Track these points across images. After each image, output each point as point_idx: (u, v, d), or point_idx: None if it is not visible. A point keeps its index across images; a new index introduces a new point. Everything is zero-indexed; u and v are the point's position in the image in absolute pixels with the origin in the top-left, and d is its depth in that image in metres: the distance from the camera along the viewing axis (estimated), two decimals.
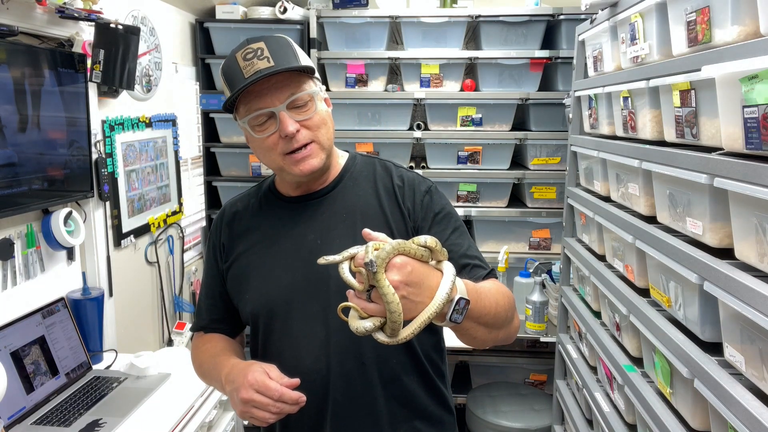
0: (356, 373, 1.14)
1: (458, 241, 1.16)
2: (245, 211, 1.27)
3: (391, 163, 1.26)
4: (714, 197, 1.23)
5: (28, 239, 1.87)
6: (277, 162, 1.13)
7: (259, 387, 0.99)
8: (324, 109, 1.16)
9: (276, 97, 1.08)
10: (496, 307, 1.00)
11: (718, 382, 1.15)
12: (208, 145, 3.17)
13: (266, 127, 1.10)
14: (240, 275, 1.22)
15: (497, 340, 1.06)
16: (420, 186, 1.20)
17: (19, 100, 1.74)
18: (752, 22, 1.12)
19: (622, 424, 1.77)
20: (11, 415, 1.63)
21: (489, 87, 3.00)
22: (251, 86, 1.07)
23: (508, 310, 1.05)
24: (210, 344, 1.26)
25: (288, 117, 1.08)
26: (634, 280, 1.71)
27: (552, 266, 2.84)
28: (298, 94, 1.09)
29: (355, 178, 1.22)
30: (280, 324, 1.17)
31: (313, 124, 1.11)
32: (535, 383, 3.21)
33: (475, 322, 0.95)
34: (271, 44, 1.08)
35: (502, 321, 1.03)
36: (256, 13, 3.03)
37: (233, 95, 1.09)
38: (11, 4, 1.68)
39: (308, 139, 1.11)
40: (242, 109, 1.12)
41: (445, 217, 1.18)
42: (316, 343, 1.14)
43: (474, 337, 0.99)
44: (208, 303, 1.30)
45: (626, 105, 1.71)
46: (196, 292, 3.05)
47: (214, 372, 1.16)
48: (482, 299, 0.96)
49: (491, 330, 1.01)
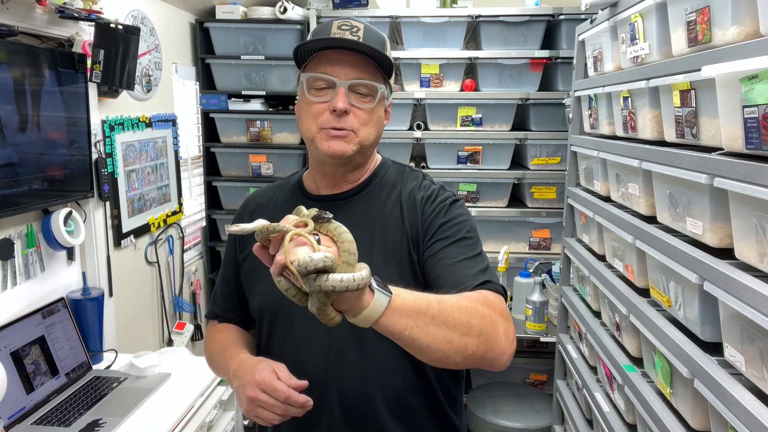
0: (357, 386, 1.09)
1: (459, 249, 1.07)
2: (268, 204, 1.25)
3: (421, 174, 1.22)
4: (714, 197, 1.23)
5: (28, 239, 1.87)
6: (312, 131, 1.10)
7: (266, 387, 0.97)
8: (381, 113, 1.14)
9: (345, 72, 1.07)
10: (442, 300, 0.88)
11: (718, 382, 1.15)
12: (208, 145, 3.17)
13: (322, 94, 1.08)
14: (253, 268, 1.20)
15: (467, 353, 0.89)
16: (439, 196, 1.16)
17: (19, 100, 1.74)
18: (752, 22, 1.12)
19: (622, 424, 1.77)
20: (11, 415, 1.63)
21: (489, 87, 3.00)
22: (329, 51, 1.06)
23: (475, 313, 0.91)
24: (222, 334, 1.25)
25: (344, 95, 1.06)
26: (634, 280, 1.71)
27: (552, 266, 2.84)
28: (366, 81, 1.08)
29: (382, 185, 1.19)
30: (283, 323, 1.15)
31: (364, 117, 1.09)
32: (535, 383, 3.21)
33: (413, 318, 0.83)
34: (369, 31, 1.09)
35: (463, 322, 0.88)
36: (256, 13, 3.03)
37: (310, 44, 1.07)
38: (11, 4, 1.68)
39: (350, 126, 1.08)
40: (310, 65, 1.10)
41: (454, 226, 1.11)
42: (317, 349, 1.11)
43: (425, 344, 0.85)
44: (223, 290, 1.29)
45: (626, 105, 1.71)
46: (196, 292, 3.05)
47: (223, 365, 1.15)
48: (418, 294, 0.87)
49: (448, 333, 0.86)
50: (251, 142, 3.16)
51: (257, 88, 3.10)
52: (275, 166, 3.18)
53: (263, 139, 3.14)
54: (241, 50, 3.07)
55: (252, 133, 3.14)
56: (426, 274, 1.10)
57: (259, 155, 3.16)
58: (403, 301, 0.83)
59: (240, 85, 3.11)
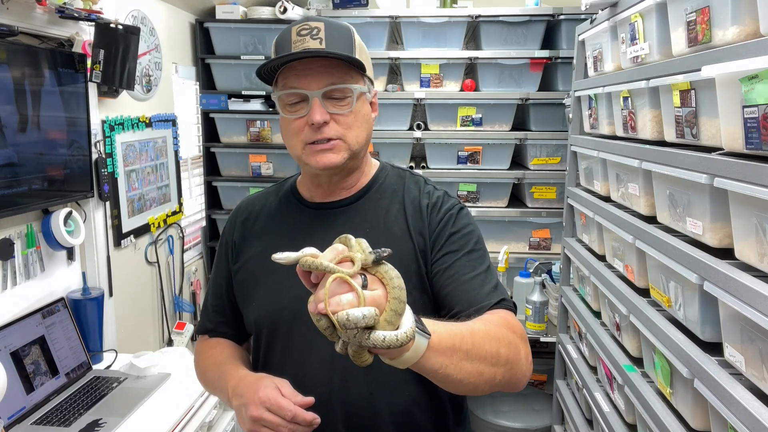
0: (363, 402, 1.04)
1: (469, 263, 1.05)
2: (262, 211, 1.19)
3: (422, 179, 1.17)
4: (714, 197, 1.23)
5: (28, 239, 1.87)
6: (297, 149, 1.06)
7: (270, 405, 0.92)
8: (365, 111, 1.08)
9: (315, 82, 1.01)
10: (474, 332, 0.87)
11: (718, 382, 1.15)
12: (208, 145, 3.18)
13: (297, 108, 1.04)
14: (248, 280, 1.15)
15: (494, 382, 0.90)
16: (445, 204, 1.11)
17: (19, 100, 1.74)
18: (752, 22, 1.12)
19: (622, 424, 1.77)
20: (11, 415, 1.63)
21: (489, 87, 3.00)
22: (294, 63, 1.02)
23: (502, 339, 0.90)
24: (215, 350, 1.18)
25: (319, 105, 1.01)
26: (634, 280, 1.71)
27: (552, 266, 2.84)
28: (339, 86, 1.02)
29: (383, 191, 1.14)
30: (283, 339, 1.09)
31: (346, 121, 1.04)
32: (535, 383, 3.21)
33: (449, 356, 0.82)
34: (330, 28, 1.03)
35: (494, 353, 0.88)
36: (256, 13, 3.03)
37: (271, 63, 1.02)
38: (11, 4, 1.68)
39: (335, 135, 1.03)
40: (280, 82, 1.06)
41: (463, 237, 1.08)
42: (320, 364, 1.05)
43: (458, 379, 0.84)
44: (215, 304, 1.22)
45: (626, 105, 1.71)
46: (196, 292, 3.05)
47: (220, 382, 1.09)
48: (453, 328, 0.85)
49: (479, 366, 0.86)
50: (251, 142, 3.16)
51: (257, 88, 3.10)
52: (275, 166, 3.18)
53: (263, 139, 3.15)
54: (241, 50, 3.07)
55: (252, 133, 3.14)
56: (437, 289, 1.06)
57: (259, 155, 3.16)
58: (440, 340, 0.80)
59: (240, 85, 3.11)
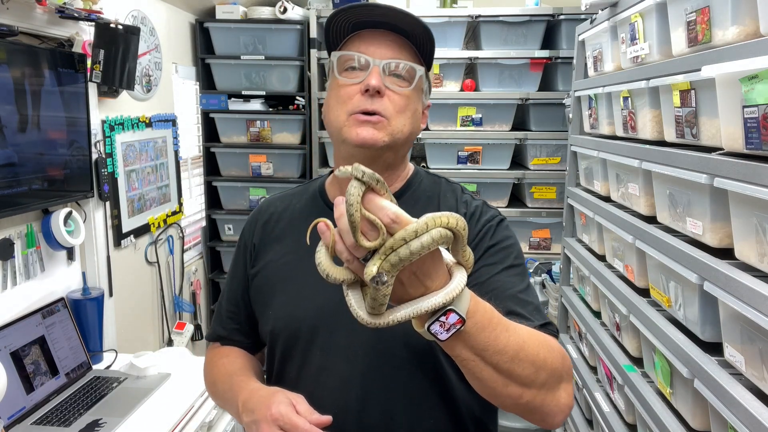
0: (382, 426, 0.97)
1: (509, 279, 0.97)
2: (284, 213, 1.12)
3: (459, 187, 1.11)
4: (714, 197, 1.23)
5: (28, 239, 1.87)
6: (340, 119, 0.98)
7: (284, 423, 0.84)
8: (417, 106, 1.03)
9: (381, 52, 0.97)
10: (519, 350, 0.76)
11: (718, 382, 1.15)
12: (208, 145, 3.18)
13: (353, 75, 0.98)
14: (265, 286, 1.07)
15: (519, 402, 0.80)
16: (484, 215, 1.05)
17: (19, 100, 1.74)
18: (752, 22, 1.12)
19: (622, 424, 1.77)
20: (11, 415, 1.63)
21: (489, 87, 3.00)
22: (366, 31, 0.98)
23: (545, 367, 0.80)
24: (227, 359, 1.12)
25: (378, 73, 0.95)
26: (634, 280, 1.71)
27: (552, 266, 2.84)
28: (404, 62, 0.98)
29: (417, 198, 1.07)
30: (300, 353, 1.02)
31: (400, 103, 0.98)
32: None
33: (476, 355, 0.74)
34: (411, 16, 1.01)
35: (528, 375, 0.78)
36: (256, 13, 3.03)
37: (342, 15, 0.97)
38: (11, 4, 1.68)
39: (383, 110, 0.96)
40: (343, 47, 1.01)
41: (502, 250, 1.00)
42: (336, 383, 0.98)
43: (478, 378, 0.77)
44: (229, 309, 1.14)
45: (626, 105, 1.71)
46: (196, 292, 3.05)
47: (230, 394, 1.02)
48: (497, 330, 0.75)
49: (507, 380, 0.77)
50: (251, 142, 3.16)
51: (257, 88, 3.10)
52: (275, 166, 3.18)
53: (263, 139, 3.15)
54: (241, 50, 3.07)
55: (252, 133, 3.14)
56: None
57: (259, 155, 3.16)
58: (468, 338, 0.73)
59: (240, 85, 3.11)
